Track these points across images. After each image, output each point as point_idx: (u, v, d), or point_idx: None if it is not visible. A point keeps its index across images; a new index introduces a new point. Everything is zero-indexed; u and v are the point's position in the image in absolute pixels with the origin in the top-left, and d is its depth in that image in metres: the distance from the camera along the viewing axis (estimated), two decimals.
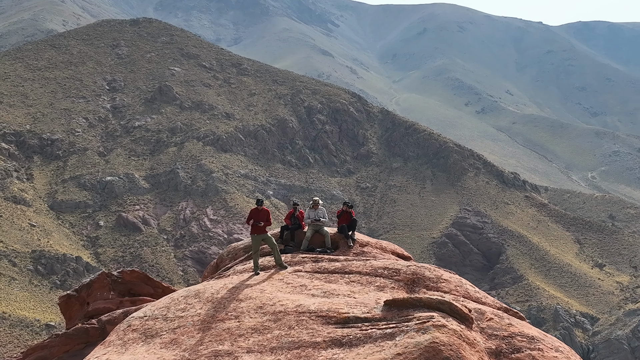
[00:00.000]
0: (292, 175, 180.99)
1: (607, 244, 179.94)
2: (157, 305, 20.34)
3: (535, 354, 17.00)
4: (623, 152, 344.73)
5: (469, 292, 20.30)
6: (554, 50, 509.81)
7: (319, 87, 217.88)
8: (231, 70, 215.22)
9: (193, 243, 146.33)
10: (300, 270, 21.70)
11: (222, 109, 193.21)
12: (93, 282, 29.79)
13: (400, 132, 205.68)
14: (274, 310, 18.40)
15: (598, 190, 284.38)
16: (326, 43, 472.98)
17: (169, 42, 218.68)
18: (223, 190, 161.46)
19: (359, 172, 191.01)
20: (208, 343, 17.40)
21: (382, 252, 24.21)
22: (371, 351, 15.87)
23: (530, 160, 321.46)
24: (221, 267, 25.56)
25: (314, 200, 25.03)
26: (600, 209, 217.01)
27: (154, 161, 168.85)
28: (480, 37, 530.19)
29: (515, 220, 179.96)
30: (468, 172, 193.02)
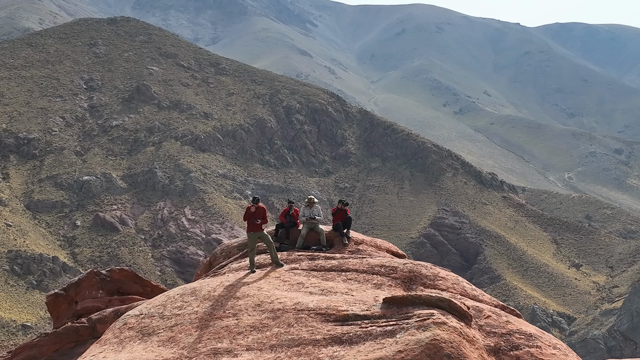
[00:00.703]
0: (270, 175, 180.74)
1: (584, 244, 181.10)
2: (153, 303, 20.19)
3: (534, 351, 17.07)
4: (599, 153, 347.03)
5: (466, 290, 20.40)
6: (532, 51, 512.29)
7: (298, 87, 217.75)
8: (209, 69, 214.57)
9: (171, 243, 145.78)
10: (297, 268, 21.66)
11: (201, 108, 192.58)
12: (81, 281, 29.67)
13: (379, 132, 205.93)
14: (273, 308, 18.37)
15: (575, 190, 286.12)
16: (305, 43, 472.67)
17: (147, 41, 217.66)
18: (201, 190, 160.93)
19: (337, 172, 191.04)
20: (207, 341, 17.33)
21: (377, 250, 24.24)
22: (372, 348, 15.89)
23: (508, 160, 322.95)
24: (215, 265, 25.43)
25: (309, 198, 25.04)
26: (577, 209, 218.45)
27: (132, 161, 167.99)
28: (458, 38, 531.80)
29: (493, 220, 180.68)
30: (446, 172, 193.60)
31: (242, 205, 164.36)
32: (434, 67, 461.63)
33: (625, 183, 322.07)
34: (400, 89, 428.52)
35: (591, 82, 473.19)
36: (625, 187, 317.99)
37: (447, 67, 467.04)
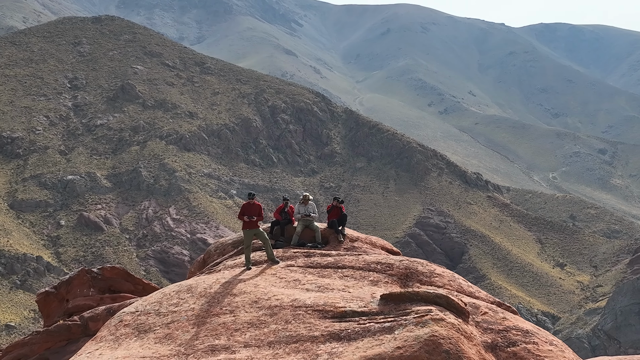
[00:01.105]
0: (255, 175, 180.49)
1: (568, 244, 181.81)
2: (148, 300, 20.11)
3: (531, 348, 17.13)
4: (583, 152, 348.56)
5: (462, 287, 20.39)
6: (516, 51, 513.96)
7: (283, 86, 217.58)
8: (194, 69, 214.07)
9: (156, 243, 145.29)
10: (293, 265, 21.64)
11: (185, 107, 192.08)
12: (73, 279, 29.59)
13: (364, 132, 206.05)
14: (270, 304, 18.34)
15: (559, 190, 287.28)
16: (290, 42, 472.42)
17: (132, 40, 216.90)
18: (186, 190, 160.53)
19: (322, 172, 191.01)
20: (204, 338, 17.28)
21: (372, 247, 24.24)
22: (370, 345, 15.89)
23: (493, 160, 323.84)
24: (209, 263, 25.38)
25: (304, 195, 24.91)
26: (561, 209, 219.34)
27: (116, 160, 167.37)
28: (443, 38, 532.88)
29: (478, 220, 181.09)
30: (431, 172, 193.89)
31: (227, 204, 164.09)
32: (419, 67, 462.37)
33: (609, 183, 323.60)
34: (386, 89, 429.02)
35: (575, 82, 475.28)
36: (609, 187, 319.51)
37: (432, 67, 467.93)
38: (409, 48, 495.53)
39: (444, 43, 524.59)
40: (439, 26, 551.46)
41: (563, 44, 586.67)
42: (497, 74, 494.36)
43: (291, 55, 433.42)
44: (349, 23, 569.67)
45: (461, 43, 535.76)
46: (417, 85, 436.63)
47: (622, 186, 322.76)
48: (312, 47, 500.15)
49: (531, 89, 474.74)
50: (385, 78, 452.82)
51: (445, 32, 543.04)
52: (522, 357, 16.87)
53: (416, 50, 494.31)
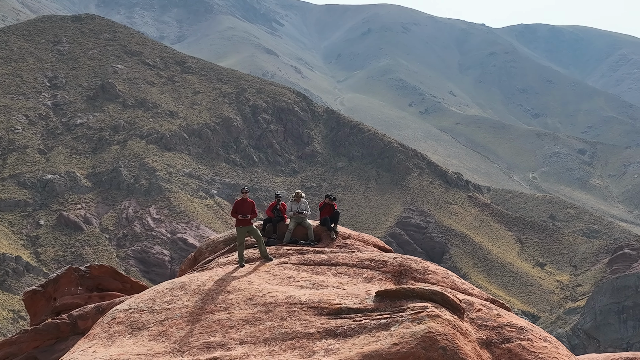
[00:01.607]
0: (236, 175, 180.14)
1: (548, 244, 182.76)
2: (141, 297, 20.04)
3: (525, 344, 17.19)
4: (563, 153, 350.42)
5: (456, 284, 20.45)
6: (496, 52, 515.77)
7: (264, 86, 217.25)
8: (175, 68, 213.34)
9: (136, 242, 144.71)
10: (286, 262, 21.60)
11: (166, 107, 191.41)
12: (60, 277, 29.41)
13: (345, 131, 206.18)
14: (265, 301, 18.32)
15: (539, 190, 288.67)
16: (271, 42, 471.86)
17: (112, 39, 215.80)
18: (166, 190, 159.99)
19: (303, 172, 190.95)
20: (199, 335, 17.25)
21: (364, 245, 24.33)
22: (367, 341, 15.91)
23: (473, 160, 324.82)
24: (200, 260, 25.26)
25: (297, 192, 24.96)
26: (541, 209, 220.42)
27: (96, 159, 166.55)
28: (424, 38, 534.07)
29: (459, 219, 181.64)
30: (412, 172, 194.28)
31: (207, 204, 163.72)
32: (400, 67, 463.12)
33: (588, 183, 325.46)
34: (366, 89, 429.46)
35: (555, 82, 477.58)
36: (589, 187, 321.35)
37: (413, 67, 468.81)
38: (389, 48, 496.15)
39: (425, 43, 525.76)
40: (420, 26, 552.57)
41: (543, 44, 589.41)
42: (477, 75, 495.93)
43: (272, 54, 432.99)
44: (330, 23, 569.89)
45: (442, 43, 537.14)
46: (398, 85, 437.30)
47: (601, 186, 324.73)
48: (293, 47, 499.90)
49: (511, 90, 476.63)
50: (366, 78, 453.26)
51: (426, 33, 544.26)
52: (516, 353, 16.96)
53: (397, 50, 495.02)
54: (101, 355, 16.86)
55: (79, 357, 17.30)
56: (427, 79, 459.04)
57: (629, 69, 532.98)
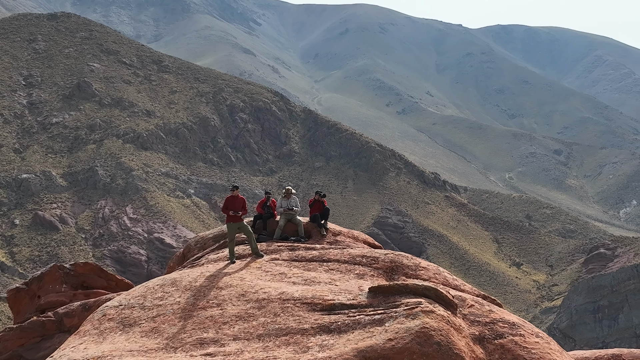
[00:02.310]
0: (213, 174, 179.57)
1: (524, 243, 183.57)
2: (131, 294, 19.94)
3: (518, 340, 17.38)
4: (539, 153, 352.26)
5: (448, 280, 20.51)
6: (473, 52, 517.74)
7: (242, 85, 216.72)
8: (152, 67, 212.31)
9: (112, 242, 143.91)
10: (278, 258, 21.66)
11: (143, 106, 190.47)
12: (44, 275, 29.45)
13: (323, 131, 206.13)
14: (257, 297, 18.35)
15: (515, 190, 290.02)
16: (248, 41, 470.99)
17: (88, 38, 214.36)
18: (143, 189, 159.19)
19: (281, 171, 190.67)
20: (191, 331, 17.23)
21: (354, 241, 24.38)
22: (361, 337, 16.01)
23: (450, 160, 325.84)
24: (189, 257, 25.19)
25: (287, 189, 24.97)
26: (517, 209, 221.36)
27: (72, 159, 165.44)
28: (401, 38, 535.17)
29: (436, 219, 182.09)
30: (389, 171, 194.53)
31: (184, 204, 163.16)
32: (377, 67, 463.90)
33: (564, 183, 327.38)
34: (344, 89, 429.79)
35: (531, 83, 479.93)
36: (565, 187, 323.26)
37: (390, 67, 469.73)
38: (367, 48, 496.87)
39: (402, 43, 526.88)
40: (397, 26, 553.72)
41: (519, 45, 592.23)
42: (454, 75, 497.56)
43: (249, 54, 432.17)
44: (308, 22, 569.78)
45: (419, 43, 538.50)
46: (376, 85, 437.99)
47: (577, 186, 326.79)
48: (270, 47, 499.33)
49: (488, 90, 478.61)
50: (343, 78, 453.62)
51: (403, 33, 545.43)
52: (509, 349, 17.12)
53: (374, 50, 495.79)
54: (93, 352, 16.81)
55: (70, 353, 17.22)
56: (405, 79, 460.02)
57: (605, 70, 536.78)
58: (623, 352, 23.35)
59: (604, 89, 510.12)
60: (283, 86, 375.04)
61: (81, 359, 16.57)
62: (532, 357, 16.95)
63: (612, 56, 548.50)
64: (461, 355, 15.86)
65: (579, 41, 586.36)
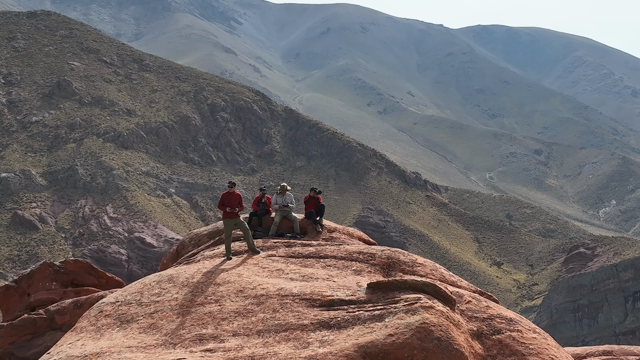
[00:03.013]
0: (194, 173, 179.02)
1: (505, 243, 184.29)
2: (128, 290, 19.90)
3: (515, 335, 17.54)
4: (520, 153, 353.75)
5: (445, 276, 20.60)
6: (454, 52, 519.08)
7: (223, 84, 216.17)
8: (132, 65, 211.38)
9: (92, 242, 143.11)
10: (274, 254, 21.61)
11: (123, 105, 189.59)
12: (34, 273, 29.35)
13: (304, 131, 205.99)
14: (256, 294, 18.36)
15: (496, 190, 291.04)
16: (229, 40, 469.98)
17: (68, 36, 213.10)
18: (124, 188, 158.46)
19: (262, 171, 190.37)
20: (190, 327, 17.23)
21: (349, 238, 24.43)
22: (362, 332, 16.10)
23: (431, 160, 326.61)
24: (183, 254, 25.13)
25: (282, 185, 25.02)
26: (498, 208, 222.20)
27: (52, 158, 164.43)
28: (382, 38, 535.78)
29: (417, 219, 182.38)
30: (371, 171, 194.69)
31: (165, 203, 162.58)
32: (359, 67, 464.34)
33: (544, 183, 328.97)
34: (325, 88, 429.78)
35: (512, 83, 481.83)
36: (545, 187, 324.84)
37: (372, 67, 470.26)
38: (348, 48, 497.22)
39: (384, 43, 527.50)
40: (379, 26, 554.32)
41: (500, 45, 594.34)
42: (435, 75, 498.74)
43: (230, 53, 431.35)
44: (289, 22, 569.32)
45: (400, 43, 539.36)
46: (357, 85, 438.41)
47: (557, 186, 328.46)
48: (251, 46, 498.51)
49: (469, 90, 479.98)
50: (324, 77, 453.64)
51: (384, 33, 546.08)
52: (507, 344, 17.27)
53: (356, 50, 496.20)
54: (91, 348, 16.75)
55: (68, 350, 17.14)
56: (386, 78, 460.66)
57: (585, 70, 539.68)
58: (614, 349, 23.64)
59: (584, 89, 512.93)
60: (264, 85, 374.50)
61: (79, 355, 16.52)
62: (530, 353, 17.11)
63: (592, 57, 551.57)
64: (461, 351, 16.00)
65: (559, 42, 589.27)
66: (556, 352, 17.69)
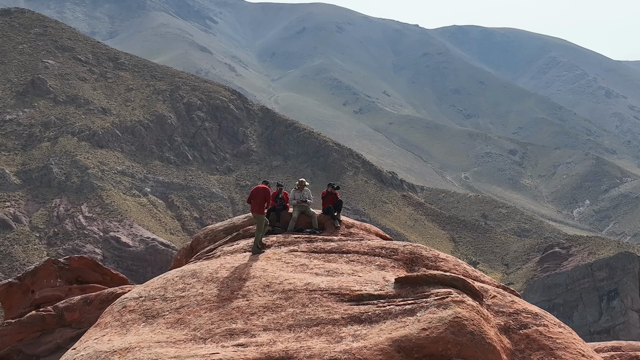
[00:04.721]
0: (170, 173, 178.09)
1: (481, 242, 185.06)
2: (150, 286, 19.91)
3: (542, 330, 17.77)
4: (495, 153, 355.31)
5: (468, 271, 20.75)
6: (430, 52, 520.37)
7: (199, 83, 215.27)
8: (108, 64, 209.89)
9: (67, 241, 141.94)
10: (296, 250, 21.69)
11: (99, 103, 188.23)
12: (39, 270, 29.23)
13: (280, 130, 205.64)
14: (283, 288, 18.39)
15: (471, 190, 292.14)
16: (205, 39, 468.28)
17: (43, 34, 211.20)
18: (99, 187, 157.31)
19: (238, 170, 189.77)
20: (219, 322, 17.22)
21: (367, 233, 24.58)
22: (394, 327, 16.21)
23: (407, 160, 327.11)
24: (198, 250, 25.10)
25: (300, 181, 25.20)
26: (473, 208, 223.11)
27: (26, 156, 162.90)
28: (358, 37, 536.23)
29: (393, 218, 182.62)
30: (347, 171, 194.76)
31: (141, 202, 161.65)
32: (334, 67, 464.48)
33: (519, 183, 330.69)
34: (301, 88, 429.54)
35: (487, 84, 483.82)
36: (519, 187, 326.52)
37: (347, 67, 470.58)
38: (324, 47, 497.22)
39: (359, 43, 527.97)
40: (354, 26, 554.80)
41: (475, 46, 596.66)
42: (411, 75, 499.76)
43: (206, 52, 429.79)
44: (265, 21, 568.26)
45: (376, 43, 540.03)
46: (333, 85, 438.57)
47: (532, 186, 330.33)
48: (227, 45, 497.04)
49: (444, 90, 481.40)
50: (300, 77, 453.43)
51: (360, 32, 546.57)
52: (534, 339, 17.46)
53: (331, 49, 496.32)
54: (119, 344, 16.73)
55: (95, 345, 17.13)
56: (361, 78, 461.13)
57: (559, 71, 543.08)
58: (622, 345, 23.89)
59: (558, 89, 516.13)
60: (240, 85, 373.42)
61: (107, 351, 16.50)
62: (558, 347, 17.29)
63: (566, 57, 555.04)
64: (493, 345, 16.20)
65: (534, 42, 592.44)
66: (583, 347, 17.87)
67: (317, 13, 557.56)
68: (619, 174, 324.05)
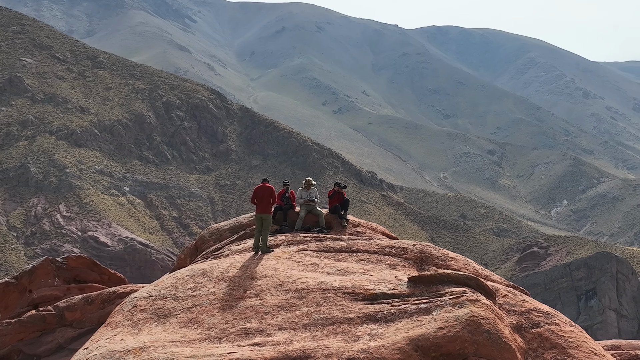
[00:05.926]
0: (149, 172, 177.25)
1: (460, 242, 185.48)
2: (161, 285, 19.90)
3: (554, 329, 17.91)
4: (473, 153, 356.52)
5: (477, 270, 20.81)
6: (409, 53, 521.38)
7: (178, 82, 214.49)
8: (86, 62, 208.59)
9: (45, 240, 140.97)
10: (306, 249, 21.65)
11: (77, 102, 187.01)
12: (36, 269, 29.07)
13: (260, 129, 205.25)
14: (296, 287, 18.38)
15: (450, 190, 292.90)
16: (183, 38, 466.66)
17: (20, 32, 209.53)
18: (77, 186, 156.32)
19: (218, 170, 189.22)
20: (233, 321, 17.21)
21: (374, 233, 24.47)
22: (410, 326, 16.26)
23: (386, 160, 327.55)
24: (203, 249, 24.95)
25: (307, 180, 25.02)
26: (452, 208, 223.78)
27: (3, 155, 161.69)
28: (337, 37, 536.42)
29: (373, 218, 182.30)
30: (327, 170, 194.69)
31: (119, 202, 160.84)
32: (314, 66, 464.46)
33: (497, 183, 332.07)
34: (280, 87, 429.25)
35: (465, 84, 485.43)
36: (498, 187, 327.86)
37: (327, 67, 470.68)
38: (303, 47, 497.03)
39: (338, 43, 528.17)
40: (334, 26, 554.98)
41: (454, 46, 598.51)
42: (390, 75, 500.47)
43: (185, 51, 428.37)
44: (244, 20, 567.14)
45: (355, 43, 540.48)
46: (312, 84, 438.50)
47: (510, 186, 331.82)
48: (206, 44, 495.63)
49: (423, 90, 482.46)
50: (279, 76, 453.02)
51: (339, 32, 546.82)
52: (547, 337, 17.62)
53: (311, 49, 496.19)
54: (132, 343, 16.66)
55: (108, 344, 17.07)
56: (341, 78, 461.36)
57: (537, 72, 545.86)
58: (622, 343, 24.11)
59: (536, 90, 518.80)
60: (219, 84, 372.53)
61: (122, 350, 16.45)
62: (570, 346, 17.44)
63: (544, 58, 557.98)
64: (508, 344, 16.31)
65: (512, 43, 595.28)
66: (594, 346, 17.96)
67: (297, 12, 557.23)
68: (597, 174, 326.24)
